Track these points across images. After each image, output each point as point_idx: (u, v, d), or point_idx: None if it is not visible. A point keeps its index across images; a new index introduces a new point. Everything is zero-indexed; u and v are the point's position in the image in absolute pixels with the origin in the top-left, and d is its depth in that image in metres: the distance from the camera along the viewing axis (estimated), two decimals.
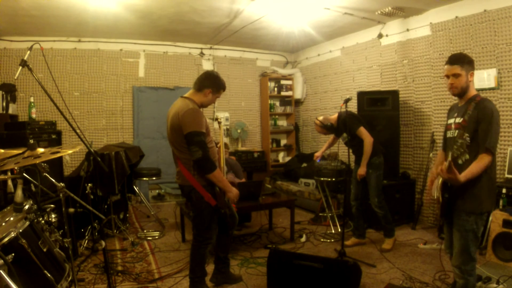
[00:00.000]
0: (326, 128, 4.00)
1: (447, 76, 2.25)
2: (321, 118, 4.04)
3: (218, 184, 2.66)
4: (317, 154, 4.35)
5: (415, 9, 4.67)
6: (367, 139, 3.74)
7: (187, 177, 2.65)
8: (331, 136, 4.29)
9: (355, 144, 3.85)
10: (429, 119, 4.75)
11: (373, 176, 3.80)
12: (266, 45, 6.81)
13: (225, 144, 4.74)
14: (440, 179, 2.26)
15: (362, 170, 3.78)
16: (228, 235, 3.07)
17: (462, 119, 2.21)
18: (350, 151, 3.88)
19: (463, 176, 2.02)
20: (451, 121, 2.35)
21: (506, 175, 3.74)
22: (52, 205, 2.49)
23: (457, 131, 2.23)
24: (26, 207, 1.94)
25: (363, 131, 3.76)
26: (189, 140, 2.54)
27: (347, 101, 3.71)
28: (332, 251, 3.86)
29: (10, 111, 4.84)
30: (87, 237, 3.94)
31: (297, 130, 7.43)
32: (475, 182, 2.12)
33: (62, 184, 2.40)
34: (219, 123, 3.42)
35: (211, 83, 2.75)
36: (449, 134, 2.36)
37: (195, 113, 2.58)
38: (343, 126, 3.87)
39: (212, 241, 2.83)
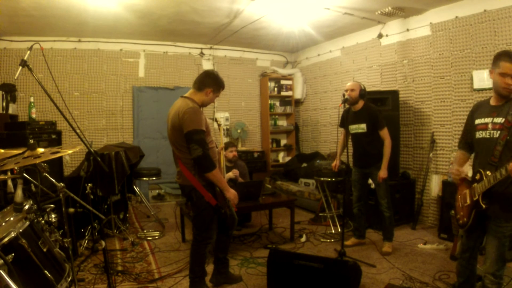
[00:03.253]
0: (352, 96, 3.73)
1: (505, 75, 2.09)
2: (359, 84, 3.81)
3: (217, 183, 2.66)
4: (334, 163, 4.14)
5: (415, 9, 4.67)
6: (389, 140, 3.69)
7: (187, 177, 2.65)
8: (342, 134, 4.14)
9: (366, 140, 3.77)
10: (429, 119, 4.75)
11: (384, 179, 3.75)
12: (266, 45, 6.81)
13: (231, 143, 4.67)
14: (481, 187, 2.12)
15: (384, 173, 3.66)
16: (227, 235, 3.07)
17: (504, 119, 2.09)
18: (350, 151, 3.86)
19: None
20: (486, 120, 2.20)
21: None
22: (52, 205, 2.49)
23: (499, 132, 2.11)
24: (26, 207, 1.94)
25: (387, 132, 3.71)
26: (189, 138, 2.54)
27: (345, 101, 3.70)
28: (332, 251, 3.86)
29: (10, 111, 4.84)
30: (87, 237, 3.94)
31: (297, 130, 7.43)
32: None
33: (62, 184, 2.40)
34: (219, 125, 3.43)
35: (211, 82, 2.75)
36: (483, 135, 2.21)
37: (195, 111, 2.59)
38: (367, 115, 3.73)
39: (212, 241, 2.83)
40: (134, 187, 5.07)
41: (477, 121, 2.27)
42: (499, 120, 2.13)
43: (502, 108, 2.15)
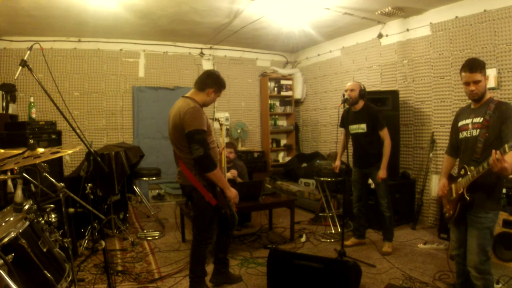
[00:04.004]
0: (352, 96, 3.74)
1: (467, 83, 2.28)
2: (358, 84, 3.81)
3: (218, 183, 2.66)
4: (336, 164, 4.14)
5: (415, 9, 4.67)
6: (389, 140, 3.70)
7: (188, 177, 2.65)
8: (342, 135, 4.15)
9: (366, 140, 3.77)
10: (429, 119, 4.75)
11: (383, 179, 3.76)
12: (266, 45, 6.81)
13: (232, 144, 4.69)
14: (465, 181, 2.24)
15: (383, 173, 3.67)
16: (227, 235, 3.07)
17: (482, 119, 2.24)
18: (350, 151, 3.86)
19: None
20: (467, 121, 2.36)
21: None
22: (52, 205, 2.49)
23: (478, 130, 2.25)
24: (26, 207, 1.94)
25: (387, 132, 3.71)
26: (190, 138, 2.54)
27: (345, 101, 3.70)
28: (332, 251, 3.86)
29: (10, 111, 4.85)
30: (87, 237, 3.94)
31: (297, 130, 7.43)
32: (497, 180, 2.20)
33: (62, 184, 2.40)
34: (221, 124, 3.43)
35: (213, 83, 2.75)
36: (465, 134, 2.37)
37: (197, 111, 2.58)
38: (367, 115, 3.74)
39: (212, 241, 2.83)
40: (134, 187, 5.07)
41: (460, 124, 2.44)
42: (477, 120, 2.29)
43: (480, 109, 2.32)
